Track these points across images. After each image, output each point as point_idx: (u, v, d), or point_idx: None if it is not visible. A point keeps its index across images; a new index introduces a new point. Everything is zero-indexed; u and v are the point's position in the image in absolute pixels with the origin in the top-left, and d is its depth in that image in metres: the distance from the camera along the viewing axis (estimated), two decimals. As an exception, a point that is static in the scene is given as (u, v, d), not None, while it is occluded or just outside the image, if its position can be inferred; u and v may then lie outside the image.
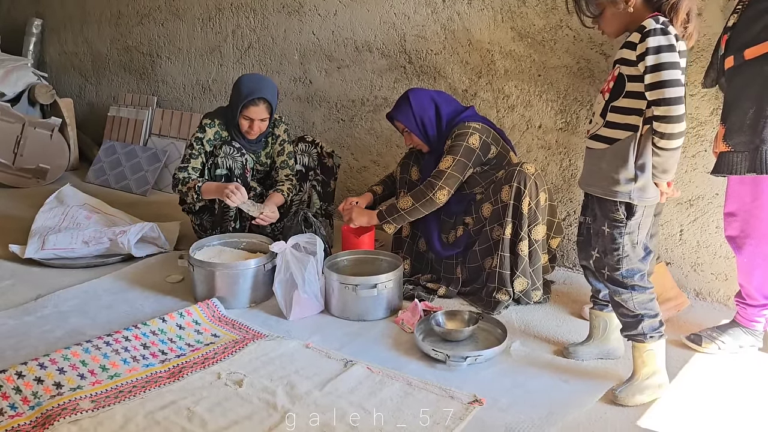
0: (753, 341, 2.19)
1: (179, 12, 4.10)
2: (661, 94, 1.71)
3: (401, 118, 2.60)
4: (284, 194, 2.82)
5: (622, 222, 1.86)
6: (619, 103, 1.82)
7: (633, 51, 1.75)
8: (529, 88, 2.84)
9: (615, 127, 1.83)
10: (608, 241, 1.90)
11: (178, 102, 4.30)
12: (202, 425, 1.79)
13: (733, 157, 1.93)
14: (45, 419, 1.78)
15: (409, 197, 2.51)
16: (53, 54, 5.02)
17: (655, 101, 1.72)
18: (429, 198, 2.47)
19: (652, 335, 1.90)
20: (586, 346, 2.14)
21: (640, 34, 1.73)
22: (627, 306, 1.91)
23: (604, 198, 1.88)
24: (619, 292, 1.92)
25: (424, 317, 2.33)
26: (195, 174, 2.81)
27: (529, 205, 2.43)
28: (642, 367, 1.92)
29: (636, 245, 1.89)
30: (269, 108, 2.78)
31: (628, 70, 1.79)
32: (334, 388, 1.95)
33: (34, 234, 3.00)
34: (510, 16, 2.81)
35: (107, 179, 4.23)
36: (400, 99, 2.64)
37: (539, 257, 2.49)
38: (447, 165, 2.47)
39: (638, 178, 1.81)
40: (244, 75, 2.87)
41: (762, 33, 1.86)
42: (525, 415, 1.84)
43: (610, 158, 1.84)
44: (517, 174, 2.42)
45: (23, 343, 2.23)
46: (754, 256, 2.11)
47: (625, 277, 1.89)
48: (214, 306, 2.45)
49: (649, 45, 1.70)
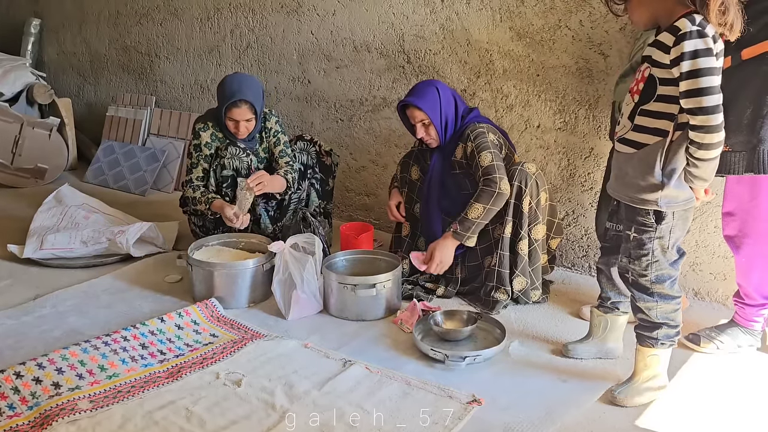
0: (751, 341, 2.19)
1: (178, 12, 4.10)
2: (698, 102, 1.60)
3: (427, 109, 2.49)
4: (281, 174, 2.83)
5: (651, 227, 1.78)
6: (650, 106, 1.71)
7: (665, 54, 1.64)
8: (527, 87, 2.84)
9: (644, 131, 1.73)
10: (635, 246, 1.82)
11: (176, 102, 4.30)
12: (200, 425, 1.79)
13: (730, 156, 1.93)
14: (43, 419, 1.78)
15: (477, 204, 2.40)
16: (51, 54, 5.01)
17: (692, 110, 1.62)
18: (497, 193, 2.38)
19: (664, 342, 1.86)
20: (584, 344, 2.13)
21: (674, 36, 1.61)
22: (649, 314, 1.84)
23: (631, 205, 1.80)
24: (644, 299, 1.84)
25: (423, 317, 2.33)
26: (200, 183, 2.82)
27: (530, 204, 2.43)
28: (643, 369, 1.89)
29: (667, 250, 1.80)
30: (252, 108, 2.77)
31: (660, 73, 1.68)
32: (332, 388, 1.95)
33: (33, 234, 2.99)
34: (509, 16, 2.82)
35: (106, 179, 4.23)
36: (424, 89, 2.54)
37: (539, 257, 2.49)
38: (488, 159, 2.43)
39: (665, 186, 1.72)
40: (227, 76, 2.85)
41: (759, 33, 1.86)
42: (524, 415, 1.84)
43: (637, 164, 1.76)
44: (518, 173, 2.42)
45: (21, 343, 2.23)
46: (753, 255, 2.11)
47: (654, 283, 1.81)
48: (212, 306, 2.45)
49: (684, 49, 1.59)
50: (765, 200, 2.03)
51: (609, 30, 2.57)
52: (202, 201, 2.77)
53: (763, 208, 2.04)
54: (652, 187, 1.74)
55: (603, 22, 2.58)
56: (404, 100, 2.55)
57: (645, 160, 1.74)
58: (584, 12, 2.62)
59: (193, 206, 2.83)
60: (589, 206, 2.76)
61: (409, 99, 2.53)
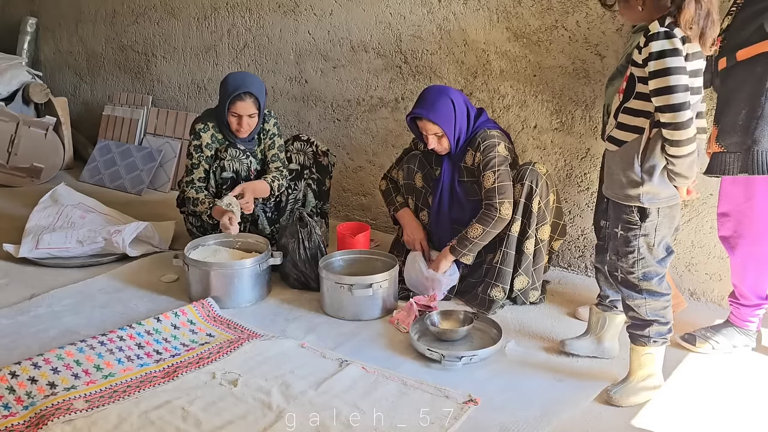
0: (746, 341, 2.20)
1: (174, 11, 4.09)
2: (665, 100, 1.67)
3: (442, 123, 2.42)
4: (267, 180, 2.80)
5: (636, 224, 1.82)
6: (630, 104, 1.78)
7: (639, 53, 1.73)
8: (524, 88, 2.85)
9: (624, 128, 1.80)
10: (621, 243, 1.86)
11: (173, 101, 4.29)
12: (196, 425, 1.79)
13: (725, 157, 1.94)
14: (39, 419, 1.78)
15: (477, 225, 2.42)
16: (48, 53, 5.00)
17: (661, 108, 1.69)
18: (497, 218, 2.40)
19: (656, 340, 1.87)
20: (581, 341, 2.14)
21: (644, 37, 1.70)
22: (639, 312, 1.87)
23: (617, 201, 1.85)
24: (633, 297, 1.87)
25: (420, 317, 2.33)
26: (202, 184, 2.80)
27: (539, 204, 2.43)
28: (638, 369, 1.91)
29: (653, 247, 1.83)
30: (256, 103, 2.76)
31: (637, 71, 1.76)
32: (329, 388, 1.95)
33: (29, 233, 2.99)
34: (505, 17, 2.82)
35: (102, 178, 4.22)
36: (437, 100, 2.44)
37: (543, 257, 2.49)
38: (491, 181, 2.42)
39: (645, 182, 1.77)
40: (230, 73, 2.87)
41: (754, 35, 1.88)
42: (519, 415, 1.85)
43: (619, 161, 1.82)
44: (529, 173, 2.42)
45: (17, 342, 2.22)
46: (747, 256, 2.12)
47: (642, 280, 1.84)
48: (209, 305, 2.45)
49: (652, 49, 1.67)
50: (760, 201, 2.04)
51: (605, 31, 2.58)
52: (205, 202, 2.74)
53: (758, 209, 2.05)
54: (633, 183, 1.79)
55: (600, 23, 2.59)
56: (416, 113, 2.45)
57: (625, 157, 1.80)
58: (581, 13, 2.62)
59: (193, 207, 2.79)
60: (586, 207, 2.77)
61: (421, 112, 2.44)
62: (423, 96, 2.50)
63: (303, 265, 2.60)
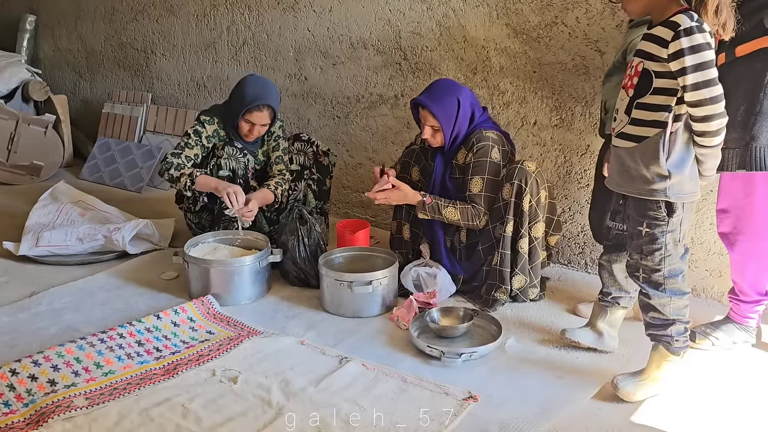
0: (746, 337, 2.20)
1: (174, 8, 4.09)
2: (706, 94, 1.66)
3: (441, 118, 2.42)
4: (271, 188, 2.79)
5: (663, 220, 1.80)
6: (647, 99, 1.75)
7: (662, 48, 1.68)
8: (524, 84, 2.85)
9: (642, 124, 1.77)
10: (647, 241, 1.83)
11: (172, 99, 4.29)
12: (196, 422, 1.79)
13: (724, 153, 1.93)
14: (39, 416, 1.78)
15: (457, 212, 2.45)
16: (47, 50, 4.99)
17: (698, 102, 1.67)
18: (474, 224, 2.47)
19: (678, 339, 1.87)
20: (583, 330, 2.15)
21: (672, 31, 1.65)
22: (663, 311, 1.85)
23: (640, 198, 1.82)
24: (658, 296, 1.85)
25: (419, 314, 2.33)
26: (188, 163, 2.76)
27: (530, 202, 2.43)
28: (655, 369, 1.91)
29: (678, 243, 1.83)
30: (272, 114, 2.78)
31: (656, 66, 1.71)
32: (328, 385, 1.95)
33: (28, 231, 2.99)
34: (505, 13, 2.82)
35: (102, 176, 4.22)
36: (445, 96, 2.43)
37: (538, 255, 2.49)
38: (478, 188, 2.45)
39: (672, 175, 1.76)
40: (249, 77, 2.82)
41: (753, 31, 1.87)
42: (519, 411, 1.85)
43: (640, 156, 1.78)
44: (518, 171, 2.42)
45: (17, 340, 2.23)
46: (747, 252, 2.11)
47: (667, 278, 1.83)
48: (209, 303, 2.45)
49: (685, 45, 1.63)
50: (759, 197, 2.04)
51: (605, 27, 2.57)
52: (185, 174, 2.67)
53: (757, 205, 2.05)
54: (659, 178, 1.77)
55: (599, 19, 2.58)
56: (421, 100, 2.45)
57: (648, 152, 1.77)
58: (581, 9, 2.62)
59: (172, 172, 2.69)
60: (585, 203, 2.77)
61: (426, 101, 2.43)
62: (433, 86, 2.50)
63: (303, 263, 2.60)
